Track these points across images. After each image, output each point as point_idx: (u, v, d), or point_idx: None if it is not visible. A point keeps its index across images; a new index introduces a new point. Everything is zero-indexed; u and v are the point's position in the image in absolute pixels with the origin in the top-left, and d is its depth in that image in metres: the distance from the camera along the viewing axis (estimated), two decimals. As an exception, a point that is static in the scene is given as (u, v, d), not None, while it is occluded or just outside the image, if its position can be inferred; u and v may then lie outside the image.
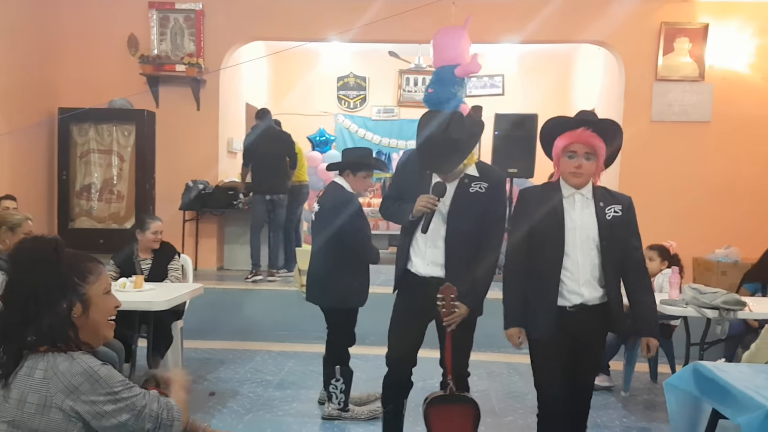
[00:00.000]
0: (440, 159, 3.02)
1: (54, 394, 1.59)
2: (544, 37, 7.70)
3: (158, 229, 4.75)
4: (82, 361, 1.63)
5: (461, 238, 3.10)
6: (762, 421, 1.92)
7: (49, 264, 1.68)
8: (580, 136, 2.74)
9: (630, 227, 2.84)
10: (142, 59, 7.45)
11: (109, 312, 1.80)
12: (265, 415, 4.18)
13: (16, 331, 1.64)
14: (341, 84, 10.93)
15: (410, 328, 3.22)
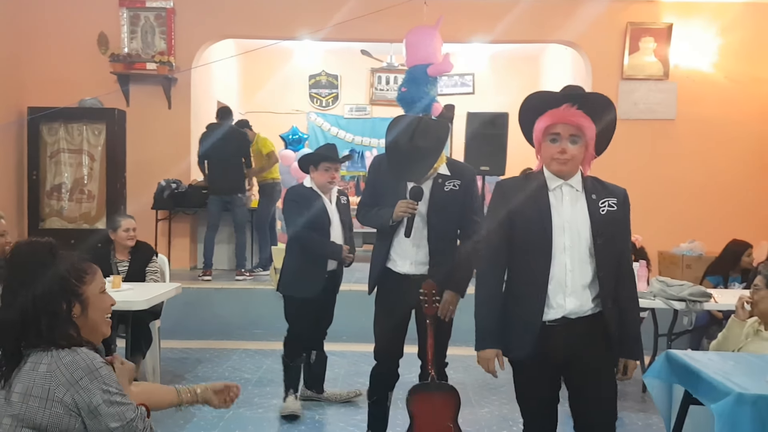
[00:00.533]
0: (409, 167, 3.08)
1: (56, 387, 1.63)
2: (514, 37, 7.83)
3: (130, 226, 4.72)
4: (86, 356, 1.68)
5: (443, 237, 3.21)
6: (732, 405, 2.03)
7: (46, 267, 1.72)
8: (564, 115, 2.32)
9: (624, 226, 2.47)
10: (113, 58, 7.39)
11: (106, 310, 1.84)
12: (246, 412, 4.22)
13: (15, 333, 1.67)
14: (313, 82, 10.94)
15: (395, 322, 3.29)
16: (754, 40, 7.34)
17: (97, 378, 1.67)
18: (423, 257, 3.20)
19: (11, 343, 1.68)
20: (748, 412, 1.97)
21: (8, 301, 1.71)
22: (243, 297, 6.58)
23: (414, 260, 3.20)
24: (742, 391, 2.01)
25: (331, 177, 4.09)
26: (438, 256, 3.18)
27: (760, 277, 2.98)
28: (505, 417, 4.28)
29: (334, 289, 4.27)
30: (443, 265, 3.18)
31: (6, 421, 1.64)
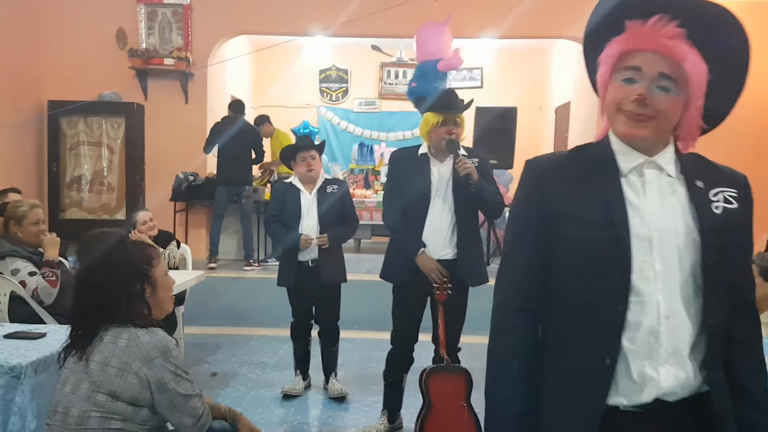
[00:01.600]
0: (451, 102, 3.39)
1: (133, 361, 1.85)
2: (523, 32, 8.00)
3: (144, 218, 4.90)
4: (162, 337, 1.91)
5: (468, 215, 3.38)
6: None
7: (120, 254, 1.94)
8: (651, 37, 1.33)
9: (747, 236, 1.49)
10: (131, 53, 7.61)
11: (170, 289, 2.07)
12: (267, 393, 4.44)
13: (95, 314, 1.90)
14: (323, 77, 11.14)
15: (413, 308, 3.49)
16: (755, 36, 7.36)
17: (170, 357, 1.91)
18: (451, 240, 3.35)
19: (89, 323, 1.90)
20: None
21: (85, 287, 1.93)
22: (256, 286, 6.79)
23: (444, 243, 3.35)
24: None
25: (308, 166, 4.18)
26: (465, 241, 3.35)
27: (753, 267, 3.16)
28: (513, 399, 4.49)
29: (319, 280, 4.23)
30: (469, 249, 3.36)
31: (84, 386, 1.86)
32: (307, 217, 4.22)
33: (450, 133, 3.30)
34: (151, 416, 1.91)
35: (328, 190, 4.27)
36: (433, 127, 3.34)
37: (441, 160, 3.40)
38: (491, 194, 3.33)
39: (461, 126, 3.36)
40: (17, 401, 2.10)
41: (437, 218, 3.35)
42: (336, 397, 4.33)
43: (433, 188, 3.37)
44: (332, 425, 3.95)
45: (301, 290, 4.32)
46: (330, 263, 4.25)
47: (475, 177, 3.20)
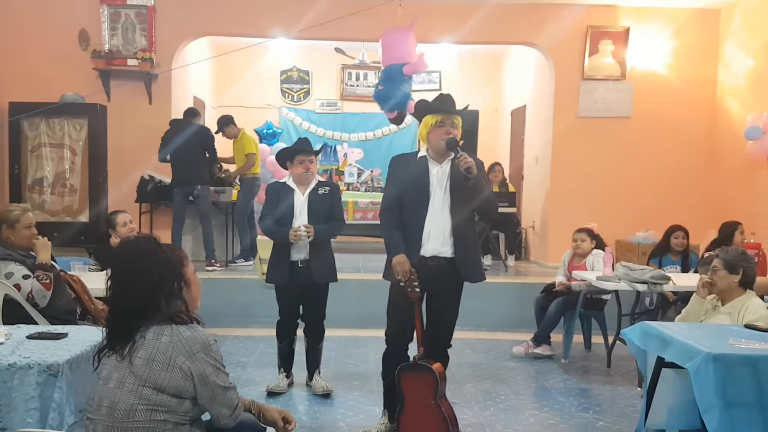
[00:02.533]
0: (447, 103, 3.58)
1: (177, 356, 1.95)
2: (481, 38, 8.25)
3: (125, 220, 4.92)
4: (202, 333, 2.02)
5: (466, 218, 3.55)
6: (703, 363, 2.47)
7: (156, 256, 2.04)
8: None
9: None
10: (94, 54, 7.53)
11: (200, 286, 2.18)
12: (251, 391, 4.51)
13: (137, 314, 1.99)
14: (284, 77, 11.18)
15: (406, 307, 3.57)
16: (704, 43, 7.94)
17: (210, 352, 2.02)
18: (449, 239, 3.52)
19: (131, 323, 2.00)
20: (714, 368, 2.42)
21: (126, 290, 2.02)
22: (225, 287, 6.82)
23: (443, 242, 3.51)
24: (710, 351, 2.46)
25: (306, 168, 4.38)
26: (460, 238, 3.52)
27: (718, 260, 3.45)
28: (488, 391, 4.70)
29: (309, 279, 4.36)
30: (464, 245, 3.52)
31: (129, 381, 1.95)
32: (299, 216, 4.36)
33: (448, 133, 3.48)
34: (192, 407, 2.01)
35: (320, 192, 4.43)
36: (431, 127, 3.52)
37: (440, 162, 3.56)
38: (488, 192, 3.53)
39: (458, 128, 3.54)
40: (55, 398, 2.17)
41: (436, 218, 3.51)
42: (321, 394, 4.45)
43: (432, 189, 3.53)
44: (320, 420, 4.07)
45: (291, 289, 4.43)
46: (321, 263, 4.40)
47: (474, 171, 3.36)
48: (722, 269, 3.38)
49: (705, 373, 2.42)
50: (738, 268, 3.40)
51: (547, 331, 5.55)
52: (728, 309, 3.38)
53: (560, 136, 8.09)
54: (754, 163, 7.14)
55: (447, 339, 3.71)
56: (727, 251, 3.49)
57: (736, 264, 3.40)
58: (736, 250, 3.52)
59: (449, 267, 3.54)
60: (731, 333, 2.83)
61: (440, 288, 3.60)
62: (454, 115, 3.55)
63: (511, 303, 6.74)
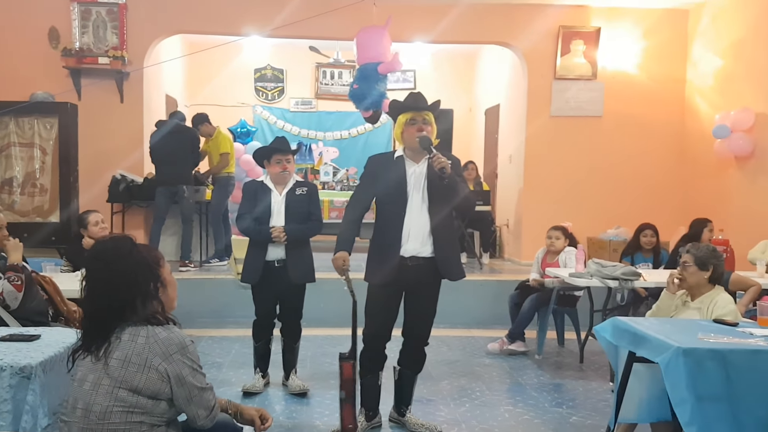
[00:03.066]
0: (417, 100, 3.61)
1: (153, 357, 1.94)
2: (455, 37, 8.30)
3: (97, 219, 4.87)
4: (178, 334, 2.01)
5: (445, 217, 3.56)
6: (673, 357, 2.53)
7: (133, 256, 2.03)
8: None
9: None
10: (64, 52, 7.43)
11: (176, 287, 2.17)
12: (227, 392, 4.49)
13: (112, 315, 1.98)
14: (258, 76, 11.12)
15: (387, 307, 3.63)
16: (673, 43, 8.08)
17: (187, 352, 2.01)
18: (429, 238, 3.53)
19: (107, 325, 1.98)
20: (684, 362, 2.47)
21: (101, 291, 2.00)
22: (200, 288, 6.77)
23: (423, 241, 3.52)
24: (680, 345, 2.51)
25: (283, 167, 4.36)
26: (441, 236, 3.53)
27: (688, 255, 3.50)
28: (464, 387, 4.75)
29: (285, 279, 4.35)
30: (443, 244, 3.54)
31: (105, 383, 1.93)
32: (276, 216, 4.35)
33: (420, 131, 3.50)
34: (169, 409, 2.01)
35: (297, 192, 4.42)
36: (404, 126, 3.53)
37: (417, 161, 3.57)
38: (463, 190, 3.54)
39: (431, 124, 3.55)
40: (28, 400, 2.15)
41: (415, 217, 3.52)
42: (297, 393, 4.45)
43: (410, 188, 3.54)
44: (296, 420, 4.07)
45: (266, 289, 4.42)
46: (298, 263, 4.39)
47: (449, 171, 3.38)
48: (693, 265, 3.45)
49: (675, 368, 2.48)
50: (708, 265, 3.46)
51: (521, 327, 5.61)
52: (697, 304, 3.45)
53: (533, 135, 8.18)
54: (723, 161, 7.29)
55: (425, 337, 3.75)
56: (698, 248, 3.55)
57: (706, 260, 3.46)
58: (707, 247, 3.58)
59: (429, 266, 3.55)
60: (700, 328, 2.90)
61: (419, 287, 3.62)
62: (426, 112, 3.55)
63: (485, 300, 6.80)
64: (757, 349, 2.53)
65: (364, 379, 3.78)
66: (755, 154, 6.86)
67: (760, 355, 2.51)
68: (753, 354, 2.51)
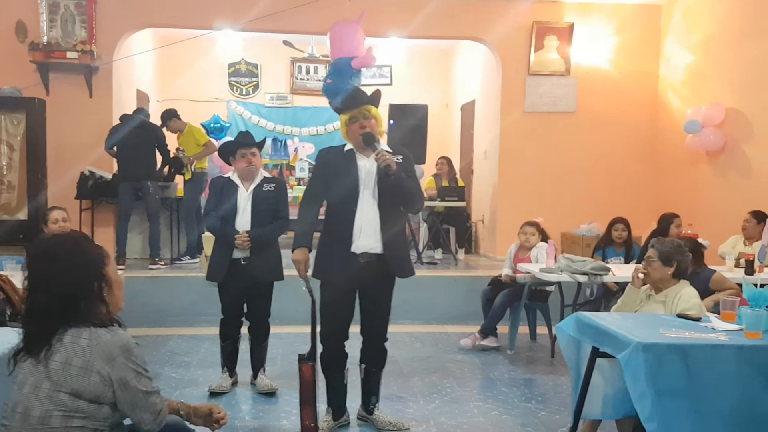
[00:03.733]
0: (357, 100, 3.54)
1: (95, 360, 1.88)
2: (429, 33, 8.27)
3: (59, 217, 4.71)
4: (123, 336, 1.94)
5: (394, 213, 3.53)
6: (633, 352, 2.52)
7: (76, 255, 1.96)
8: None
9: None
10: (32, 46, 7.28)
11: (122, 286, 2.10)
12: (193, 392, 4.43)
13: (54, 316, 1.91)
14: (233, 70, 11.01)
15: (342, 305, 3.58)
16: (644, 38, 8.12)
17: (131, 356, 1.94)
18: (379, 234, 3.48)
19: (48, 326, 1.91)
20: (644, 357, 2.47)
21: (43, 291, 1.93)
22: (170, 285, 6.69)
23: (374, 238, 3.47)
24: (640, 341, 2.50)
25: (248, 162, 4.27)
26: (390, 232, 3.49)
27: (653, 250, 3.51)
28: (435, 383, 4.72)
29: (252, 277, 4.28)
30: (394, 240, 3.50)
31: (45, 386, 1.87)
32: (242, 213, 4.28)
33: (363, 127, 3.45)
34: (112, 413, 1.94)
35: (265, 188, 4.33)
36: (347, 125, 3.50)
37: (367, 156, 3.52)
38: (409, 186, 3.49)
39: (373, 118, 3.49)
40: (-29, 403, 2.07)
41: (366, 213, 3.47)
42: (266, 392, 4.39)
43: (360, 183, 3.49)
44: (263, 419, 4.01)
45: (233, 287, 4.35)
46: (265, 261, 4.31)
47: (393, 167, 3.34)
48: (657, 260, 3.45)
49: (636, 363, 2.47)
50: (672, 261, 3.46)
51: (494, 323, 5.61)
52: (662, 297, 3.45)
53: (508, 130, 8.18)
54: (694, 156, 7.34)
55: (383, 333, 3.71)
56: (663, 242, 3.55)
57: (670, 256, 3.46)
58: (672, 242, 3.58)
59: (379, 263, 3.51)
60: (663, 322, 2.90)
61: (373, 284, 3.57)
62: (365, 107, 3.50)
63: (460, 296, 6.79)
64: (717, 344, 2.53)
65: (329, 379, 3.75)
66: (726, 149, 6.91)
67: (720, 350, 2.51)
68: (713, 349, 2.51)
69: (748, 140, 6.63)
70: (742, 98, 6.69)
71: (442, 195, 8.01)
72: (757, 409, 2.46)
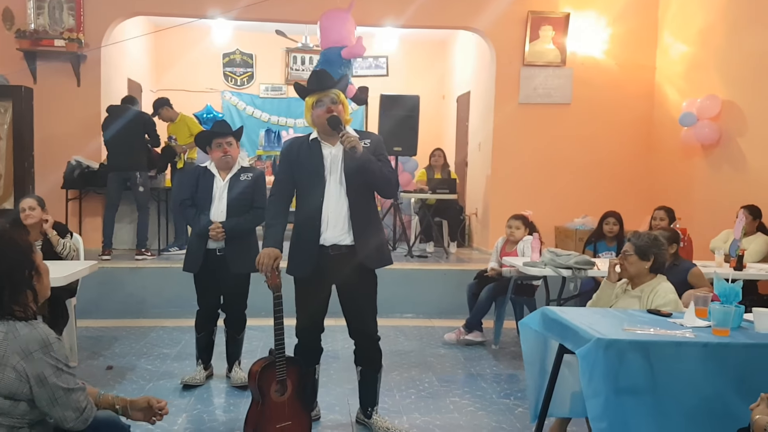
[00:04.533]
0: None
1: (10, 355, 1.80)
2: (423, 22, 8.13)
3: (26, 205, 4.60)
4: (41, 330, 1.85)
5: (364, 202, 3.38)
6: (592, 349, 2.42)
7: (4, 243, 1.87)
8: None
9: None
10: (19, 34, 7.20)
11: (48, 273, 2.02)
12: (167, 384, 4.37)
13: None
14: (227, 60, 10.91)
15: (318, 299, 3.45)
16: (641, 29, 7.97)
17: (50, 351, 1.85)
18: (347, 223, 3.35)
19: None
20: (604, 354, 2.37)
21: None
22: (155, 276, 6.62)
23: (342, 228, 3.33)
24: (600, 337, 2.40)
25: (224, 151, 4.19)
26: (360, 222, 3.35)
27: (629, 244, 3.40)
28: (413, 378, 4.64)
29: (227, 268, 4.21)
30: (364, 231, 3.36)
31: None
32: (218, 202, 4.21)
33: (329, 111, 3.32)
34: (30, 410, 1.86)
35: (242, 178, 4.26)
36: (312, 109, 3.37)
37: (332, 144, 3.39)
38: (379, 168, 3.32)
39: (340, 103, 3.36)
40: None
41: (333, 202, 3.34)
42: (240, 386, 4.31)
43: (326, 172, 3.37)
44: (234, 413, 3.94)
45: (208, 278, 4.29)
46: (238, 252, 4.21)
47: (359, 149, 3.22)
48: (633, 255, 3.34)
49: (594, 360, 2.37)
50: (649, 254, 3.36)
51: (479, 317, 5.52)
52: (637, 292, 3.35)
53: (501, 123, 8.05)
54: (689, 149, 7.20)
55: (372, 332, 3.54)
56: (639, 236, 3.44)
57: (647, 250, 3.36)
58: (648, 236, 3.46)
59: (353, 255, 3.36)
60: (630, 318, 2.80)
61: (349, 279, 3.41)
62: (333, 91, 3.35)
63: (449, 290, 6.69)
64: (681, 341, 2.42)
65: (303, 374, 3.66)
66: (721, 142, 6.77)
67: (684, 347, 2.40)
68: (677, 346, 2.41)
69: (743, 133, 6.48)
70: (738, 90, 6.55)
71: (434, 187, 7.89)
72: (722, 407, 2.35)
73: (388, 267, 3.56)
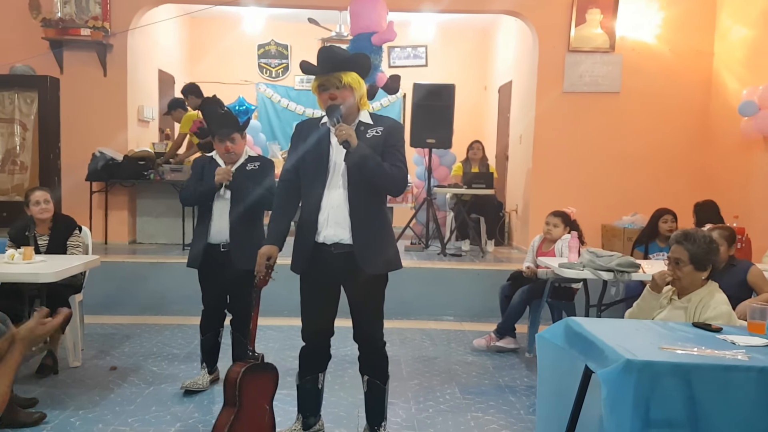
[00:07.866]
0: None
1: None
2: (461, 6, 7.71)
3: (38, 198, 4.42)
4: None
5: (365, 199, 2.99)
6: (619, 372, 1.99)
7: None
8: None
9: None
10: (45, 23, 7.08)
11: None
12: (167, 388, 4.09)
13: None
14: (262, 52, 10.67)
15: (323, 300, 3.12)
16: (697, 12, 7.35)
17: None
18: (347, 221, 2.97)
19: None
20: (635, 379, 1.93)
21: None
22: (179, 272, 6.37)
23: (343, 227, 2.97)
24: (631, 358, 1.97)
25: (226, 148, 3.95)
26: (360, 220, 2.98)
27: (681, 249, 2.89)
28: (434, 387, 4.24)
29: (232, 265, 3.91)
30: (364, 229, 2.98)
31: None
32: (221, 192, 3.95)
33: (333, 98, 2.95)
34: None
35: (248, 168, 4.00)
36: (317, 93, 3.00)
37: None
38: (378, 164, 2.91)
39: (346, 88, 2.93)
40: None
41: (335, 197, 2.98)
42: None
43: (331, 162, 3.00)
44: (232, 422, 3.62)
45: (213, 275, 4.03)
46: (243, 248, 3.89)
47: (353, 143, 2.85)
48: (688, 264, 2.85)
49: (622, 385, 1.94)
50: (707, 264, 2.88)
51: (511, 322, 5.08)
52: (684, 302, 2.87)
53: (544, 113, 7.55)
54: (749, 141, 6.57)
55: (376, 338, 3.16)
56: (694, 239, 2.92)
57: (703, 259, 2.87)
58: (704, 239, 2.94)
59: (352, 259, 2.98)
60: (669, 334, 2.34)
61: (353, 280, 3.05)
62: (337, 74, 2.91)
63: (481, 291, 6.25)
64: (732, 365, 1.97)
65: (302, 381, 3.31)
66: (786, 133, 6.13)
67: (735, 372, 1.95)
68: (725, 370, 1.95)
69: (812, 123, 5.84)
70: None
71: (468, 182, 7.45)
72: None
73: (415, 266, 3.19)
